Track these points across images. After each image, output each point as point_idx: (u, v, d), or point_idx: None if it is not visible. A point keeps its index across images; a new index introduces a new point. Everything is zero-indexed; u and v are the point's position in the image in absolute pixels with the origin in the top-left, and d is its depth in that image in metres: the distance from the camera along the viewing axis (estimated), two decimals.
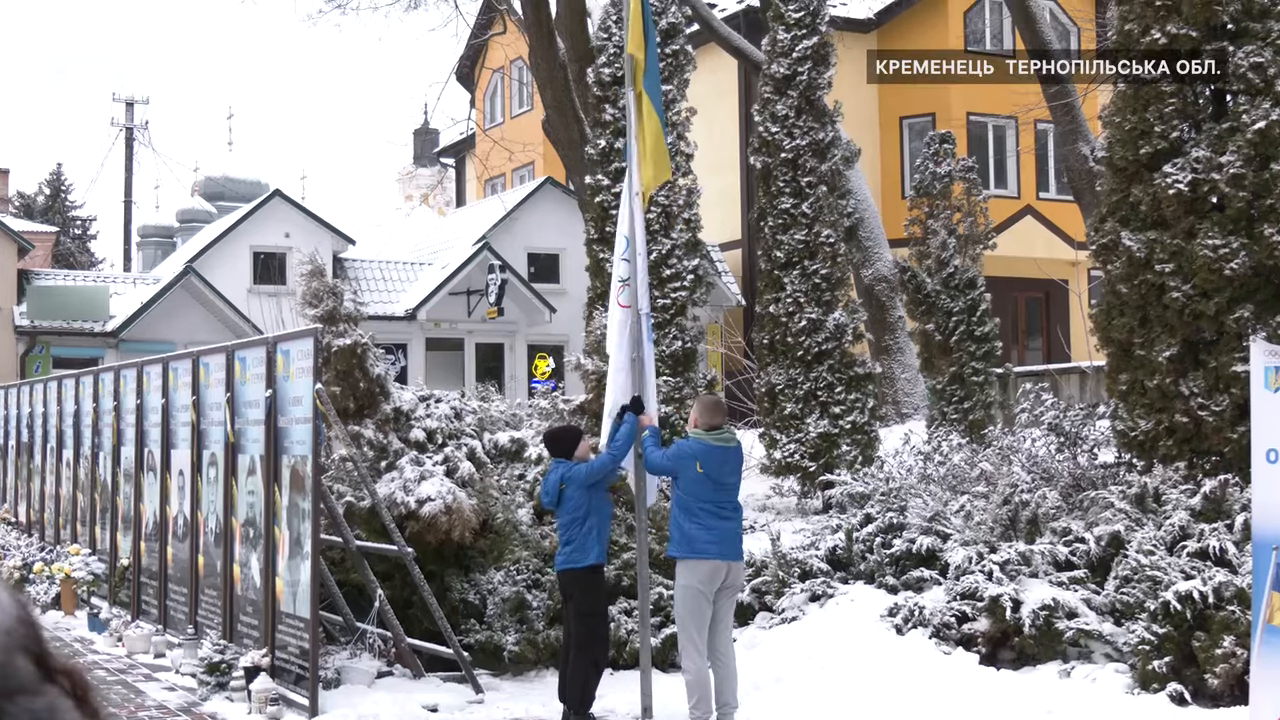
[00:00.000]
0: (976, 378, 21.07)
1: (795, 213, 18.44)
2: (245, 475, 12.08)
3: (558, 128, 23.38)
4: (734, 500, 10.02)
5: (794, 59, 18.74)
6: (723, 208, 33.74)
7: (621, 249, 10.40)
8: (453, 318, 35.71)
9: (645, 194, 10.42)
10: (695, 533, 9.77)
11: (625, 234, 10.35)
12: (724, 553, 9.81)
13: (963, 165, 23.50)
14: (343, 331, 13.03)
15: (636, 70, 10.37)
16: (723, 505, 9.87)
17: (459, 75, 40.04)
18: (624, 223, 10.39)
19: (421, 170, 62.09)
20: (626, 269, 10.28)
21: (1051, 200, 36.26)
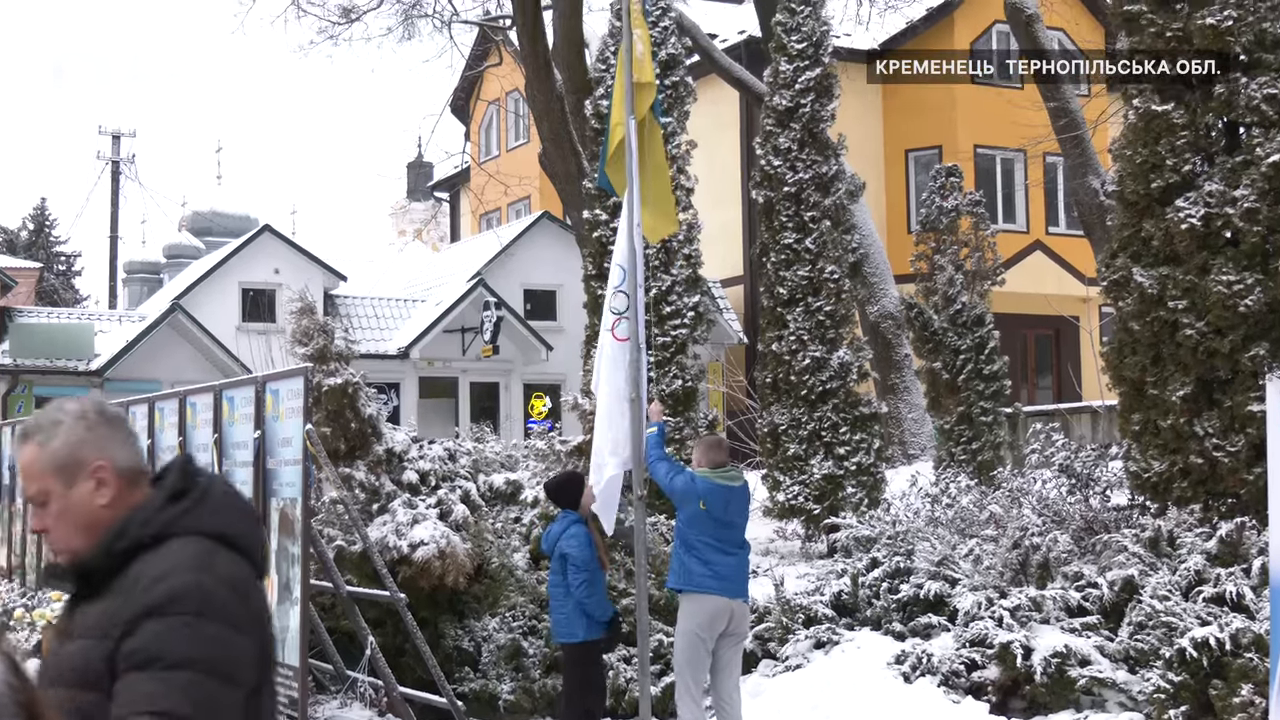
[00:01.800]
0: (985, 417, 21.07)
1: (798, 248, 18.47)
2: None
3: (555, 161, 23.45)
4: (738, 538, 9.98)
5: (797, 90, 18.81)
6: (724, 243, 33.80)
7: (617, 280, 10.33)
8: (447, 356, 35.72)
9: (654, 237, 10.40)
10: (694, 566, 9.74)
11: (621, 264, 10.30)
12: (726, 589, 9.75)
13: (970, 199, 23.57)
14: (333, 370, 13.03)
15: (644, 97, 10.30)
16: (725, 541, 9.83)
17: (453, 107, 40.19)
18: (621, 252, 10.35)
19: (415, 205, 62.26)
20: (623, 301, 10.23)
21: (1061, 235, 36.34)
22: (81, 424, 3.24)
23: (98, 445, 3.23)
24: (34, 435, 3.27)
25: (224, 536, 3.18)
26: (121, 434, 3.29)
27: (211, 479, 3.30)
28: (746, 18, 34.58)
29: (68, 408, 3.29)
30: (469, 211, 46.42)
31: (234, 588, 3.10)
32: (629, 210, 10.23)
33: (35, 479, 3.25)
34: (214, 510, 3.22)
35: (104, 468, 3.23)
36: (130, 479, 3.26)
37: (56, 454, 3.23)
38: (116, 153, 53.26)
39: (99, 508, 3.22)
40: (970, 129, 35.37)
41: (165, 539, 3.13)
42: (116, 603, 3.06)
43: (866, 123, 35.43)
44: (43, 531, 3.25)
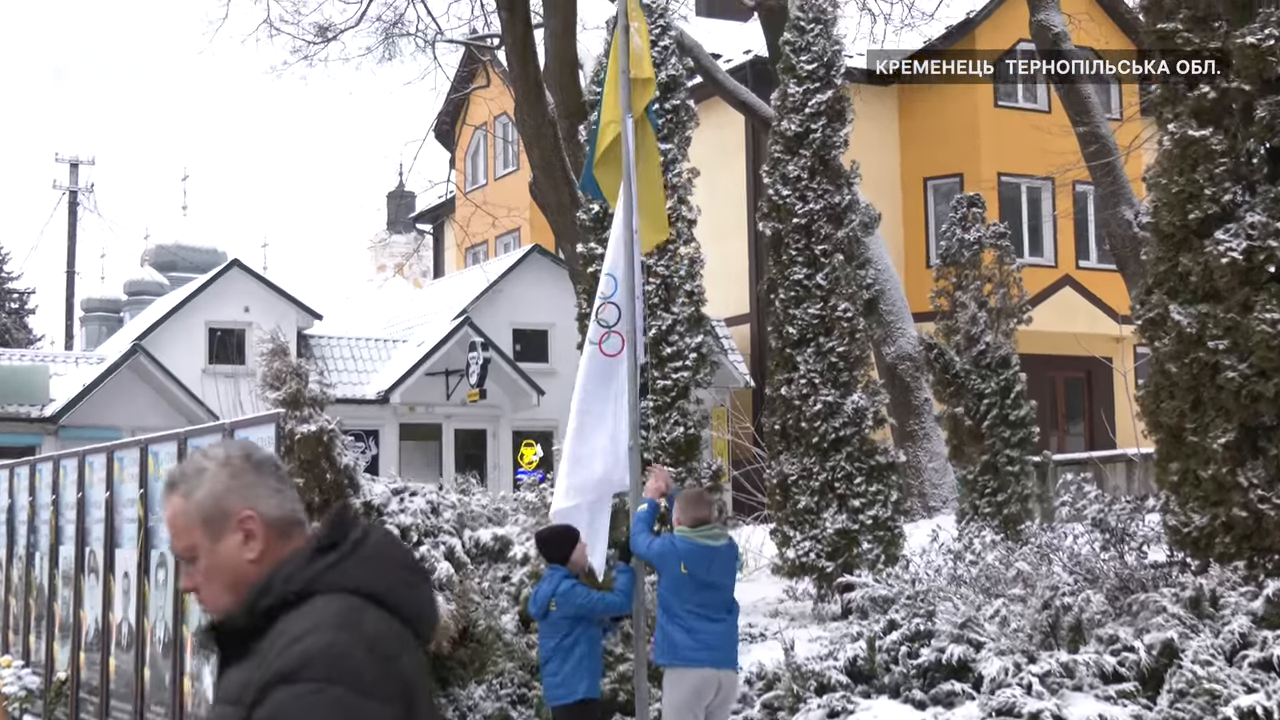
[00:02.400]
0: (1011, 467, 21.04)
1: (809, 284, 18.49)
2: None
3: (546, 190, 23.50)
4: (725, 601, 9.93)
5: (807, 115, 18.86)
6: (729, 279, 33.85)
7: (607, 290, 10.28)
8: (430, 401, 35.70)
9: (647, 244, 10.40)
10: (678, 637, 9.70)
11: (612, 273, 10.27)
12: (714, 659, 9.72)
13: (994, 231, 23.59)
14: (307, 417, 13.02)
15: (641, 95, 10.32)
16: (710, 607, 9.78)
17: (437, 133, 40.31)
18: (612, 260, 10.32)
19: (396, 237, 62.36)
20: (613, 313, 10.19)
21: (1092, 270, 36.40)
22: (226, 471, 3.25)
23: (244, 494, 3.23)
24: (179, 485, 3.27)
25: (374, 593, 3.12)
26: (270, 481, 3.28)
27: (368, 529, 3.25)
28: (752, 37, 34.72)
29: (212, 454, 3.31)
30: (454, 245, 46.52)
31: (376, 650, 3.02)
32: (624, 214, 10.21)
33: (181, 533, 3.25)
34: (365, 564, 3.17)
35: (251, 518, 3.22)
36: (281, 530, 3.24)
37: (202, 505, 3.23)
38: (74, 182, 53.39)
39: (247, 562, 3.20)
40: (994, 156, 35.47)
41: (309, 596, 3.10)
42: (255, 667, 3.03)
43: (882, 149, 35.54)
44: (193, 590, 3.25)
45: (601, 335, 10.19)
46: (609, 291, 10.21)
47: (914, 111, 36.66)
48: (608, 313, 10.19)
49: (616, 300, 10.16)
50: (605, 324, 10.17)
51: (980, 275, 23.03)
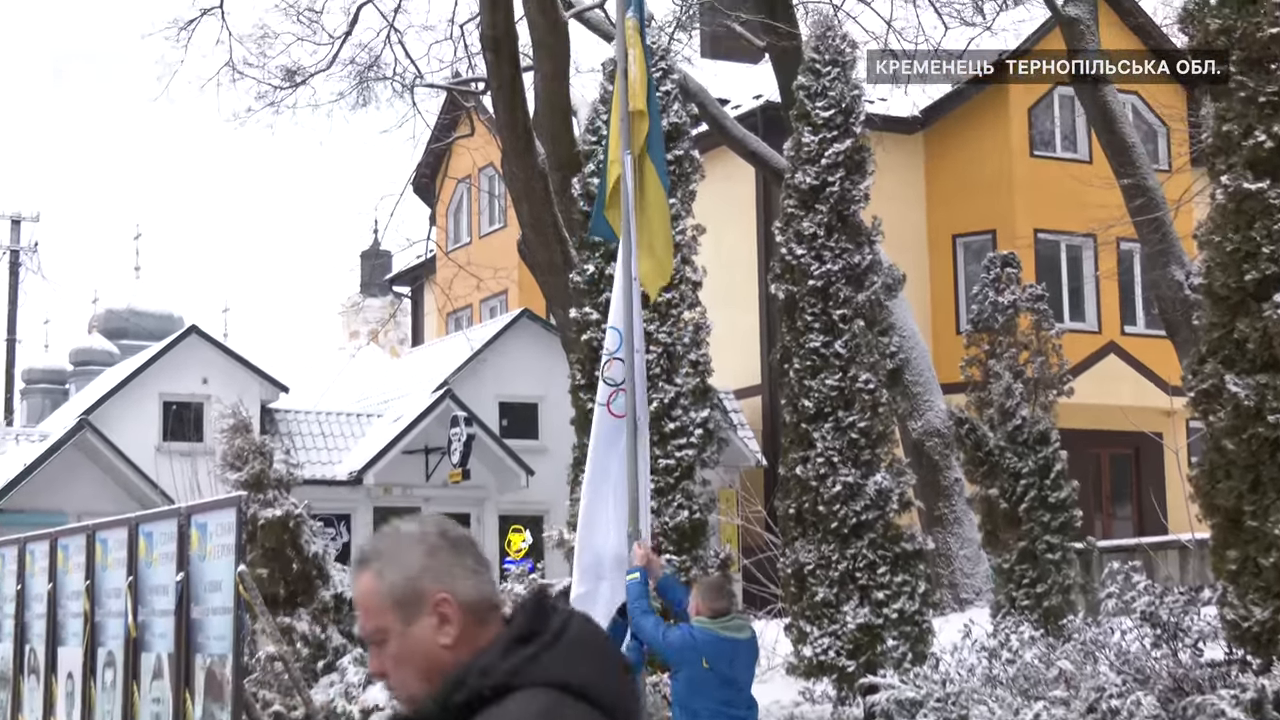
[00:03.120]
0: (1052, 555, 20.99)
1: (826, 353, 18.51)
2: (150, 679, 11.97)
3: (536, 249, 23.57)
4: (745, 697, 9.94)
5: (823, 166, 18.94)
6: (738, 347, 33.89)
7: (613, 345, 10.32)
8: (407, 482, 35.65)
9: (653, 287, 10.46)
10: None
11: (616, 326, 10.31)
12: None
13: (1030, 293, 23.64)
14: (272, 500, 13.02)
15: (638, 129, 10.42)
16: (731, 704, 9.79)
17: (416, 186, 40.46)
18: (617, 312, 10.36)
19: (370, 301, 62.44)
20: (620, 371, 10.22)
21: (1140, 336, 36.44)
22: (421, 548, 3.31)
23: (440, 575, 3.28)
24: (370, 562, 3.35)
25: (575, 687, 3.15)
26: (468, 561, 3.34)
27: (568, 617, 3.30)
28: (763, 81, 34.92)
29: (406, 529, 3.39)
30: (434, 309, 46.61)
31: None
32: (624, 259, 10.25)
33: (372, 614, 3.31)
34: (567, 655, 3.21)
35: (447, 601, 3.27)
36: (478, 615, 3.30)
37: (394, 585, 3.29)
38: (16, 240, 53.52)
39: (441, 648, 3.26)
40: (1030, 210, 35.59)
41: (508, 691, 3.14)
42: None
43: (907, 203, 35.66)
44: (381, 675, 3.30)
45: (610, 395, 10.23)
46: (614, 347, 10.25)
47: (942, 162, 36.83)
48: (615, 370, 10.21)
49: (624, 355, 10.19)
50: (612, 382, 10.20)
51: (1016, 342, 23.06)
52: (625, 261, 10.30)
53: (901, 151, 35.01)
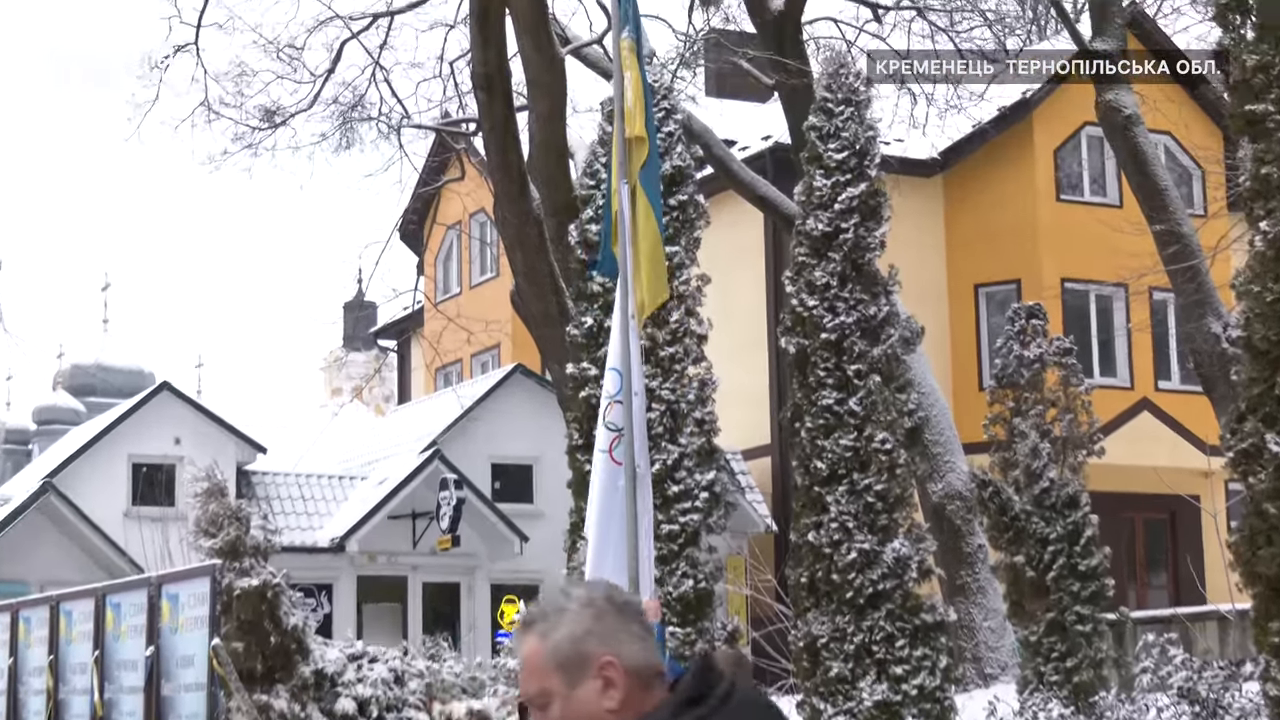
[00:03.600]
0: (1082, 626, 20.95)
1: (840, 411, 18.51)
2: None
3: (530, 301, 23.59)
4: None
5: (836, 212, 18.98)
6: (746, 404, 33.88)
7: (613, 388, 10.34)
8: (393, 549, 35.59)
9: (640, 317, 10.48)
10: None
11: (617, 367, 10.33)
12: None
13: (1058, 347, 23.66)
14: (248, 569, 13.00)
15: (635, 157, 10.47)
16: None
17: (403, 233, 40.55)
18: (617, 352, 10.38)
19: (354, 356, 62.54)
20: (621, 415, 10.23)
21: (1174, 392, 36.44)
22: (588, 613, 3.46)
23: (605, 638, 3.43)
24: (535, 625, 3.50)
25: None
26: (634, 626, 3.48)
27: (734, 680, 3.45)
28: (772, 121, 35.04)
29: (573, 593, 3.54)
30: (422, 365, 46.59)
31: None
32: (621, 297, 10.28)
33: (535, 676, 3.47)
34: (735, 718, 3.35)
35: (612, 664, 3.41)
36: (643, 680, 3.43)
37: (559, 648, 3.44)
38: None
39: (606, 712, 3.40)
40: (1056, 258, 35.64)
41: None
42: None
43: (926, 251, 35.72)
44: None
45: (611, 441, 10.24)
46: (615, 389, 10.27)
47: (962, 207, 36.90)
48: (616, 414, 10.23)
49: (624, 398, 10.21)
50: (614, 427, 10.22)
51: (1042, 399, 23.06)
52: (623, 298, 10.33)
53: (920, 196, 35.11)
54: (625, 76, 10.58)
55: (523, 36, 22.58)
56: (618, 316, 10.44)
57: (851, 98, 19.43)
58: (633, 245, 10.34)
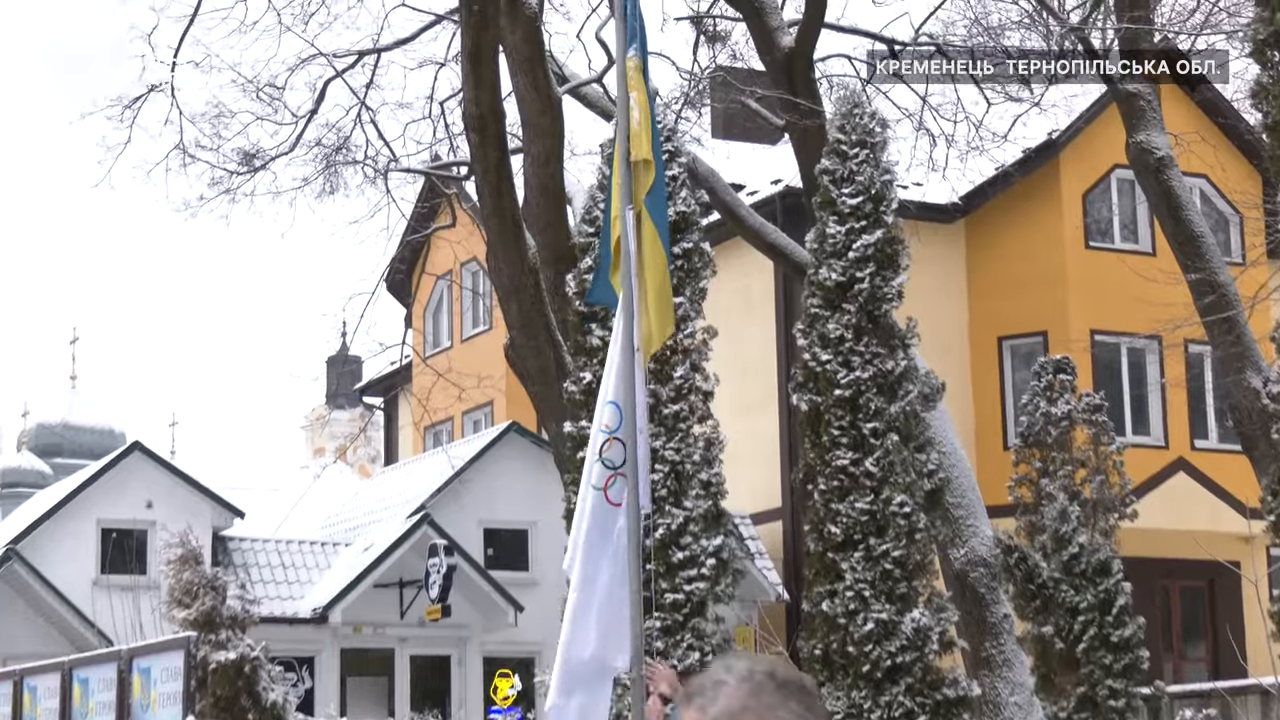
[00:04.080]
0: (1115, 701, 20.92)
1: (856, 471, 18.52)
2: None
3: (526, 355, 23.59)
4: None
5: (851, 260, 19.03)
6: (755, 464, 33.85)
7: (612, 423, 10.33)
8: (380, 620, 35.52)
9: (646, 352, 10.50)
10: None
11: (616, 401, 10.33)
12: None
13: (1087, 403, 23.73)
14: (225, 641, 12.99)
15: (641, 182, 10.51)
16: None
17: (390, 284, 40.60)
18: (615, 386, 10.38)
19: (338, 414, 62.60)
20: (620, 453, 10.23)
21: (1212, 451, 36.40)
22: (746, 687, 3.62)
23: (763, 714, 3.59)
24: (696, 698, 3.66)
25: None
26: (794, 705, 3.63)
27: None
28: (782, 163, 35.12)
29: (735, 667, 3.70)
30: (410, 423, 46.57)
31: None
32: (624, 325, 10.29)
33: None
34: None
35: None
36: None
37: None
38: None
39: None
40: (1085, 309, 35.67)
41: None
42: None
43: (946, 301, 35.74)
44: None
45: (607, 479, 10.24)
46: (614, 425, 10.27)
47: (985, 254, 36.94)
48: (614, 451, 10.22)
49: (624, 435, 10.21)
50: (611, 465, 10.22)
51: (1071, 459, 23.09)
52: (626, 328, 10.37)
53: (940, 243, 35.13)
54: (631, 97, 10.65)
55: (517, 75, 22.62)
56: (618, 348, 10.47)
57: (866, 139, 19.51)
58: (638, 274, 10.38)
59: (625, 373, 10.35)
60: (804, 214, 23.91)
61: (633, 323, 10.33)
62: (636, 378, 10.32)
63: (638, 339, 10.32)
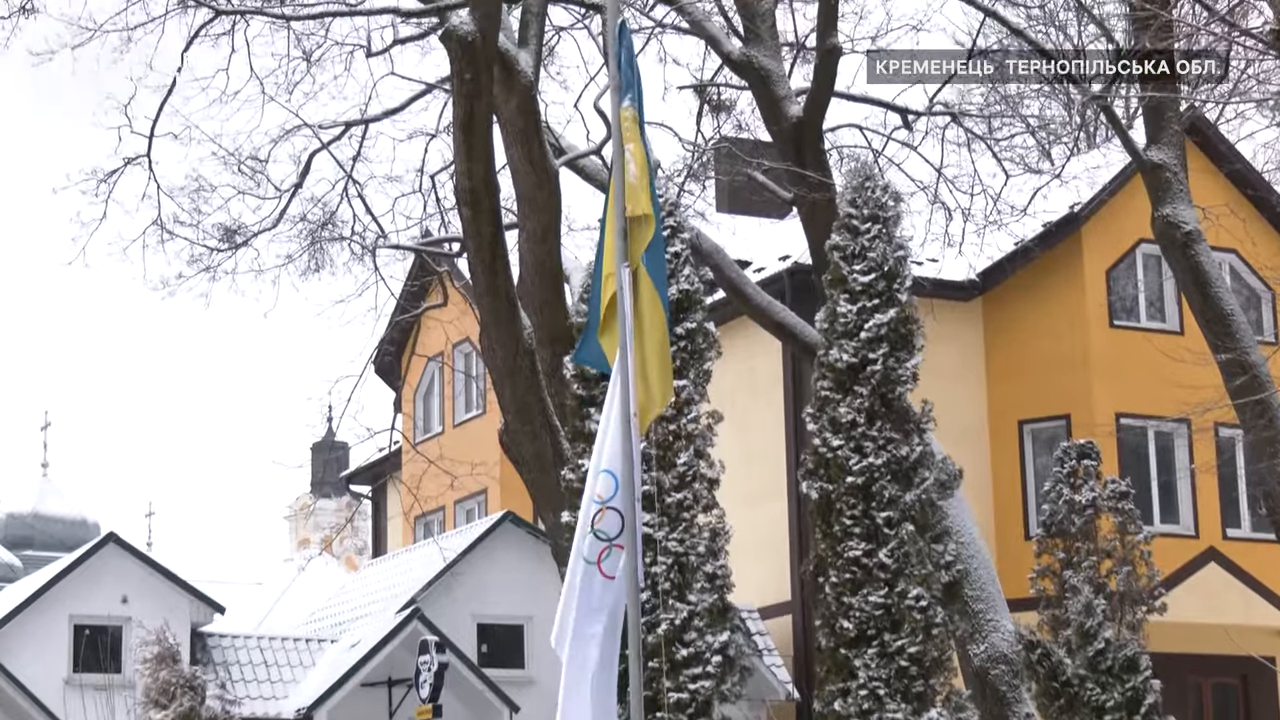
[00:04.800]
0: None
1: (869, 563, 18.48)
2: None
3: (521, 441, 23.57)
4: None
5: (863, 340, 19.04)
6: (763, 556, 33.81)
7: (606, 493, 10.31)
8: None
9: (645, 419, 10.48)
10: None
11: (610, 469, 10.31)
12: None
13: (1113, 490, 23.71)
14: None
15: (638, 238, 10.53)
16: None
17: (379, 366, 40.55)
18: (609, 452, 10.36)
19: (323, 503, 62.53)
20: (615, 523, 10.20)
21: (1245, 540, 36.32)
22: None
23: None
24: None
25: None
26: None
27: None
28: (790, 239, 35.18)
29: None
30: (400, 513, 46.54)
31: None
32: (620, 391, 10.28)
33: None
34: None
35: None
36: None
37: None
38: None
39: None
40: (1110, 391, 35.64)
41: None
42: None
43: (963, 383, 35.74)
44: None
45: (601, 551, 10.20)
46: (608, 494, 10.24)
47: (1004, 333, 36.95)
48: (609, 522, 10.19)
49: (619, 505, 10.19)
50: (605, 537, 10.19)
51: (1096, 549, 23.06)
52: (623, 392, 10.35)
53: (956, 322, 35.18)
54: (627, 149, 10.67)
55: (512, 147, 22.69)
56: (614, 413, 10.45)
57: (879, 213, 19.57)
58: (635, 335, 10.38)
59: (621, 439, 10.33)
60: (814, 292, 23.92)
61: (629, 384, 10.33)
62: (634, 447, 10.31)
63: (634, 405, 10.32)
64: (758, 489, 33.56)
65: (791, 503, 34.27)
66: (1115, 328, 36.70)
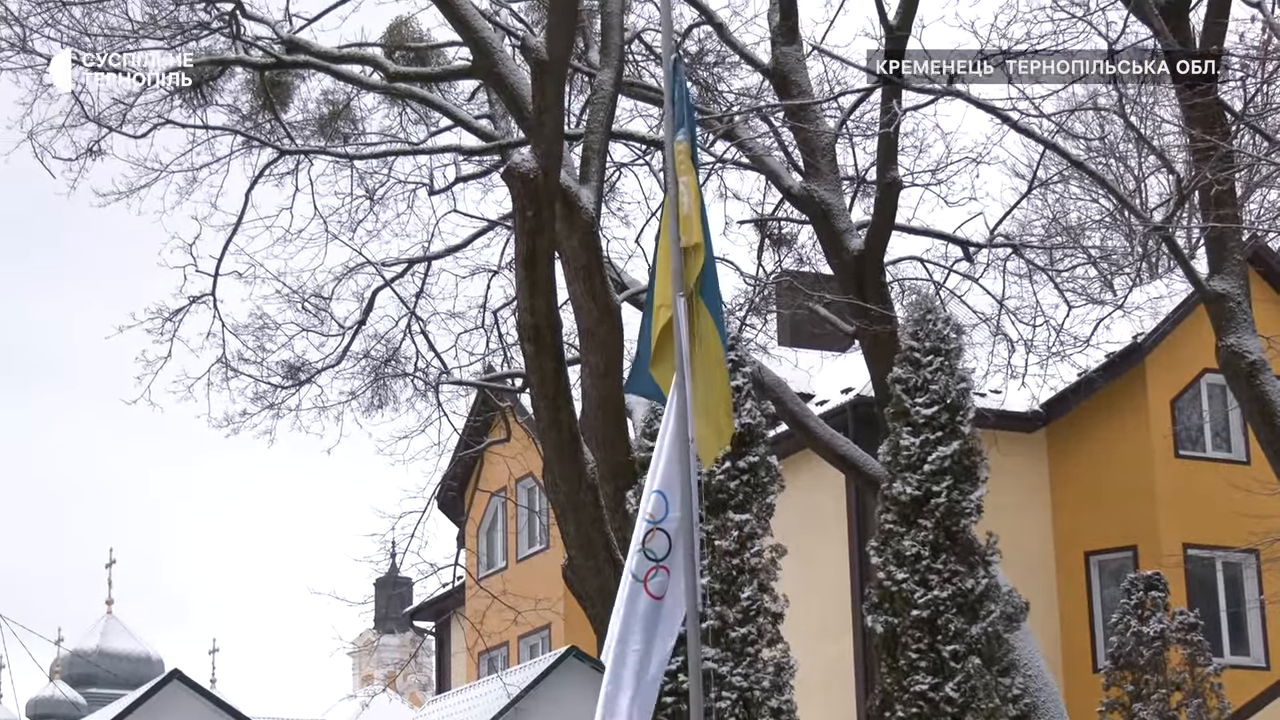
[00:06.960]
0: None
1: (936, 697, 18.37)
2: None
3: (585, 576, 23.53)
4: None
5: (926, 473, 19.02)
6: (829, 689, 33.61)
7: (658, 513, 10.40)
8: None
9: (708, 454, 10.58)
10: None
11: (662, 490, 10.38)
12: None
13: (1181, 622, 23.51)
14: None
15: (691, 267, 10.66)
16: None
17: (442, 502, 40.58)
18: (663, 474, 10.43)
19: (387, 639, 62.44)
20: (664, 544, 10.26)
21: None
22: None
23: None
24: None
25: None
26: None
27: None
28: (853, 372, 35.18)
29: None
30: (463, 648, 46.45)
31: None
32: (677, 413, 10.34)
33: None
34: None
35: None
36: None
37: None
38: None
39: None
40: (1178, 522, 35.40)
41: None
42: None
43: (1029, 514, 35.57)
44: None
45: (649, 571, 10.29)
46: (659, 515, 10.34)
47: (1069, 464, 36.79)
48: (657, 542, 10.30)
49: (668, 527, 10.27)
50: (654, 557, 10.29)
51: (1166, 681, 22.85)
52: (680, 416, 10.45)
53: (1020, 453, 35.04)
54: (681, 181, 10.85)
55: (574, 283, 22.75)
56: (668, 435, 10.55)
57: (940, 346, 19.58)
58: (690, 363, 10.51)
59: (676, 461, 10.43)
60: (876, 424, 23.89)
61: (685, 408, 10.42)
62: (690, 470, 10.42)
63: (692, 431, 10.42)
64: (822, 623, 33.39)
65: (857, 637, 34.09)
66: (1181, 458, 36.51)
